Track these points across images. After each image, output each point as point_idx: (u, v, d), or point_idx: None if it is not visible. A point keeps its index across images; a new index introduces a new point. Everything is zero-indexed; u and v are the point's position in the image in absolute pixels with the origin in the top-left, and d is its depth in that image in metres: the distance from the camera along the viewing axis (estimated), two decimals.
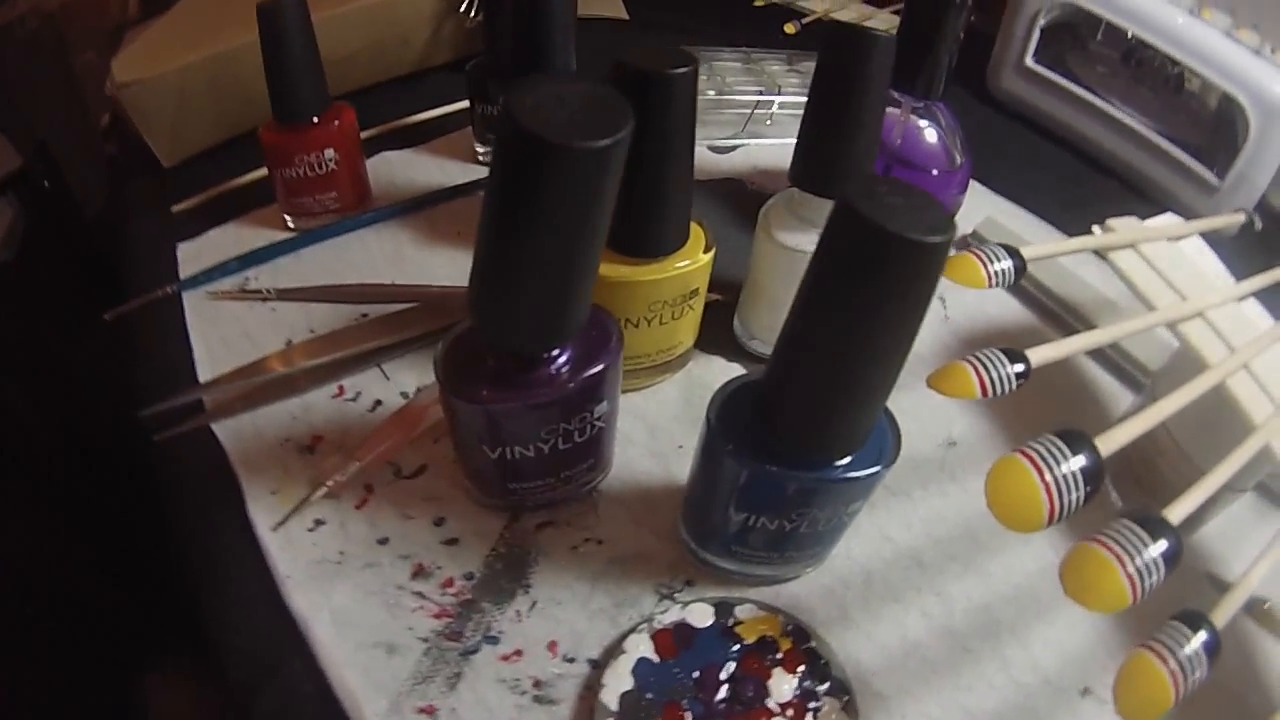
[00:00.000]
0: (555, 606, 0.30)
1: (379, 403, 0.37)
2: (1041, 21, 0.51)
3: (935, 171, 0.40)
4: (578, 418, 0.28)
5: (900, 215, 0.19)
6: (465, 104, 0.52)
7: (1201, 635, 0.20)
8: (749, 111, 0.54)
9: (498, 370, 0.27)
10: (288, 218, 0.46)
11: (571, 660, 0.29)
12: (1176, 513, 0.23)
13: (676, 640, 0.28)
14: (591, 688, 0.28)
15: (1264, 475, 0.31)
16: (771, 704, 0.26)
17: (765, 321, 0.38)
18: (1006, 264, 0.29)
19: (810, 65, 0.60)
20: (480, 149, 0.51)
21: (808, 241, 0.34)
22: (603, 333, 0.28)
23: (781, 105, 0.53)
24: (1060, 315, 0.42)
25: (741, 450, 0.25)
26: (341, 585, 0.30)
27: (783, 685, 0.27)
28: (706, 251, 0.34)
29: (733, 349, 0.40)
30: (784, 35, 0.60)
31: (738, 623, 0.28)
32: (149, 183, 0.51)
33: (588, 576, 0.31)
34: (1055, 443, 0.22)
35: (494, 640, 0.29)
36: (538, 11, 0.37)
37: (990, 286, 0.29)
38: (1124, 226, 0.32)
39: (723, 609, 0.29)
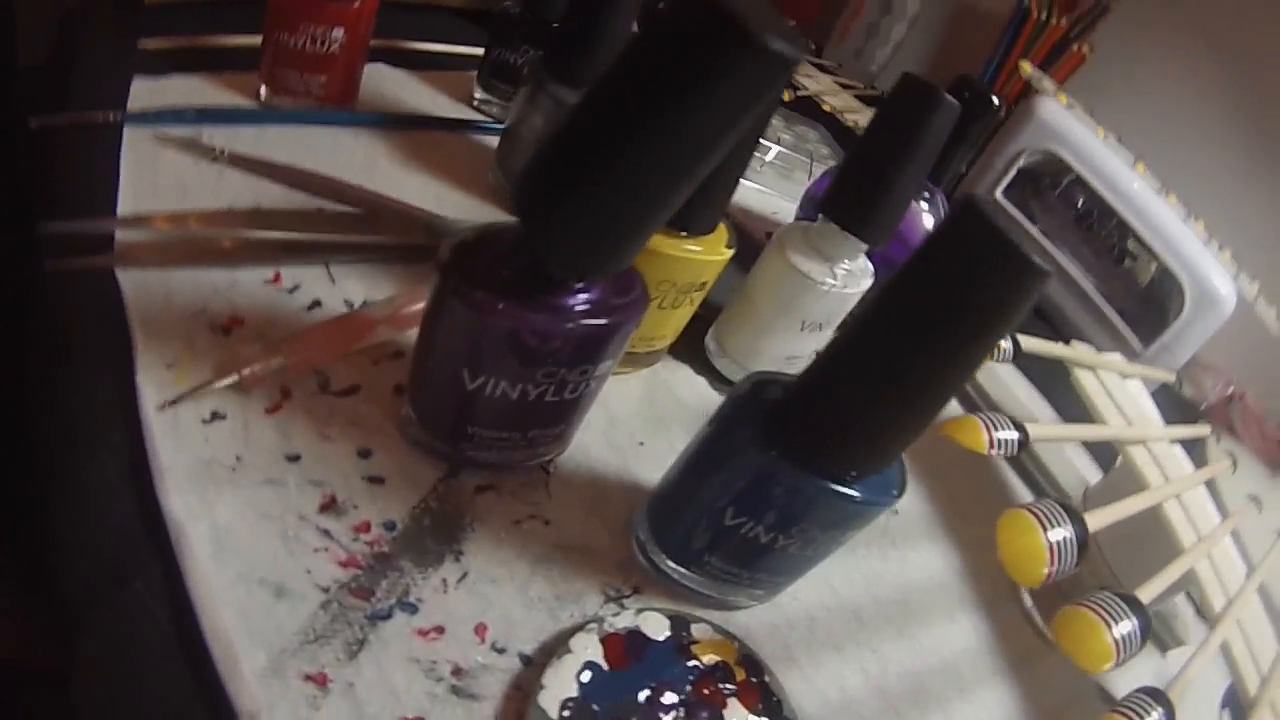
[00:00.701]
0: (488, 584, 0.24)
1: (318, 303, 0.30)
2: (1021, 161, 0.54)
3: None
4: (579, 369, 0.24)
5: (1017, 236, 0.18)
6: (477, 50, 0.47)
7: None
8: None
9: (514, 286, 0.22)
10: (264, 89, 0.37)
11: (501, 650, 0.23)
12: (1146, 594, 0.22)
13: (628, 649, 0.23)
14: (522, 688, 0.22)
15: (1178, 595, 0.32)
16: None
17: (744, 342, 0.35)
18: (1010, 434, 0.28)
19: (802, 130, 0.61)
20: (479, 95, 0.45)
21: (817, 270, 0.32)
22: (630, 286, 0.24)
23: (775, 156, 0.52)
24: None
25: (765, 442, 0.21)
26: (230, 497, 0.23)
27: (735, 718, 0.22)
28: (727, 248, 0.31)
29: (700, 363, 0.37)
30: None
31: (693, 641, 0.24)
32: (120, 8, 0.40)
33: (529, 558, 0.25)
34: (1056, 509, 0.21)
35: (411, 608, 0.23)
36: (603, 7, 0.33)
37: (990, 452, 0.28)
38: (1085, 350, 0.33)
39: (678, 623, 0.24)
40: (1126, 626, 0.22)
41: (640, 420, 0.32)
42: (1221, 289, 0.48)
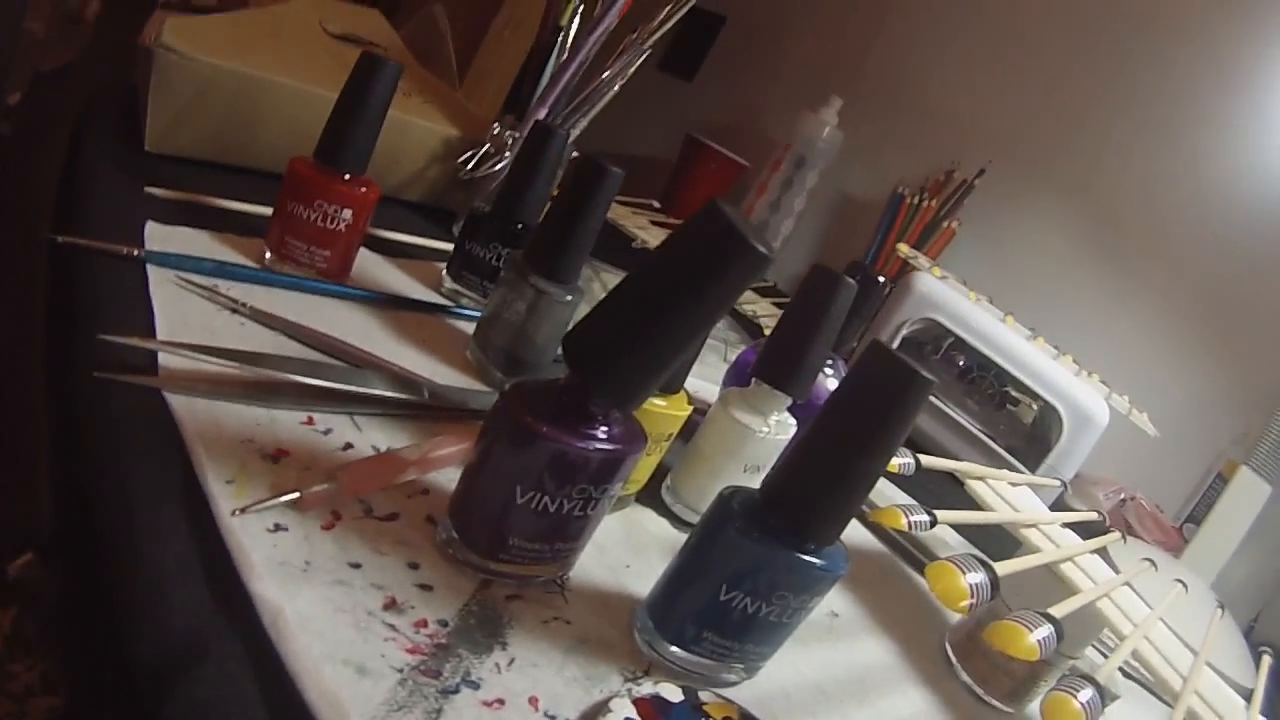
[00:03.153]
0: (532, 667, 0.30)
1: (350, 445, 0.37)
2: (905, 330, 0.72)
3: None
4: (601, 487, 0.33)
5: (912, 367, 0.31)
6: (440, 244, 0.59)
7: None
8: None
9: (559, 418, 0.31)
10: (269, 254, 0.46)
11: (553, 717, 0.29)
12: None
13: (655, 708, 0.30)
14: None
15: (1090, 643, 0.43)
16: None
17: (699, 486, 0.46)
18: (922, 517, 0.41)
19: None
20: (449, 284, 0.56)
21: (755, 422, 0.44)
22: (635, 428, 0.34)
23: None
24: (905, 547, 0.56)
25: (750, 529, 0.32)
26: (306, 592, 0.28)
27: None
28: (689, 405, 0.42)
29: (660, 508, 0.46)
30: None
31: (704, 704, 0.31)
32: (122, 147, 0.49)
33: (560, 648, 0.32)
34: (971, 559, 0.33)
35: (474, 685, 0.28)
36: (577, 216, 0.46)
37: (907, 529, 0.40)
38: (976, 466, 0.47)
39: (688, 692, 0.32)
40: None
41: (623, 549, 0.41)
42: (1094, 408, 0.65)
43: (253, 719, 0.25)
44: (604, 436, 0.32)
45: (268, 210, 0.48)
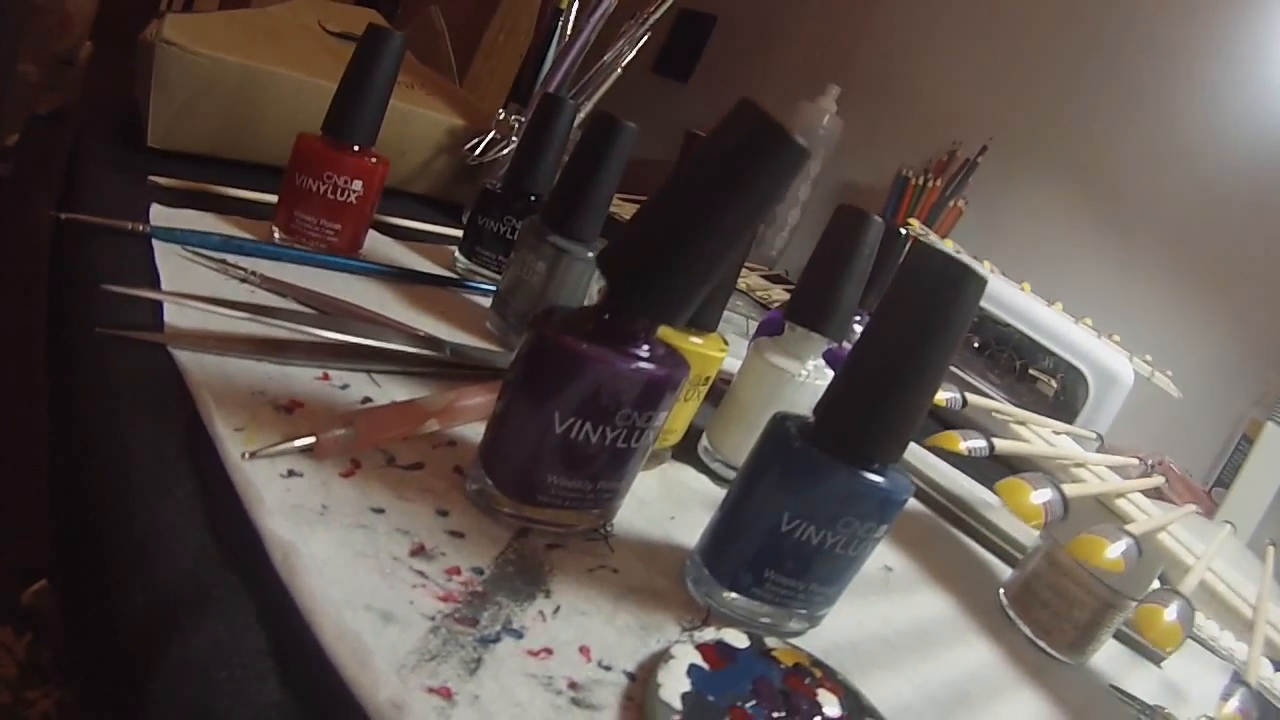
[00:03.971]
0: (580, 615, 0.27)
1: (369, 399, 0.34)
2: None
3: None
4: (645, 415, 0.30)
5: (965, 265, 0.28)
6: (448, 230, 0.57)
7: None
8: None
9: (597, 338, 0.28)
10: (278, 233, 0.44)
11: (608, 668, 0.25)
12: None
13: (721, 654, 0.26)
14: (634, 698, 0.25)
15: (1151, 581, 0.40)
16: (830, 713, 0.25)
17: (736, 441, 0.42)
18: (981, 442, 0.38)
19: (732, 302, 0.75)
20: (462, 262, 0.54)
21: (792, 366, 0.41)
22: (676, 354, 0.32)
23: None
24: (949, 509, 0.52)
25: (810, 449, 0.29)
26: (323, 534, 0.25)
27: (830, 706, 0.26)
28: (724, 346, 0.39)
29: (699, 465, 0.43)
30: None
31: (771, 649, 0.28)
32: (124, 147, 0.48)
33: (609, 595, 0.29)
34: (1040, 477, 0.30)
35: (516, 634, 0.25)
36: (593, 172, 0.44)
37: (964, 451, 0.37)
38: (1018, 410, 0.44)
39: (754, 637, 0.28)
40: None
41: (664, 502, 0.37)
42: (1118, 367, 0.62)
43: (260, 670, 0.21)
44: (647, 357, 0.29)
45: (273, 198, 0.46)
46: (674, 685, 0.24)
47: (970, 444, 0.35)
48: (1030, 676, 0.37)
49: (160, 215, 0.43)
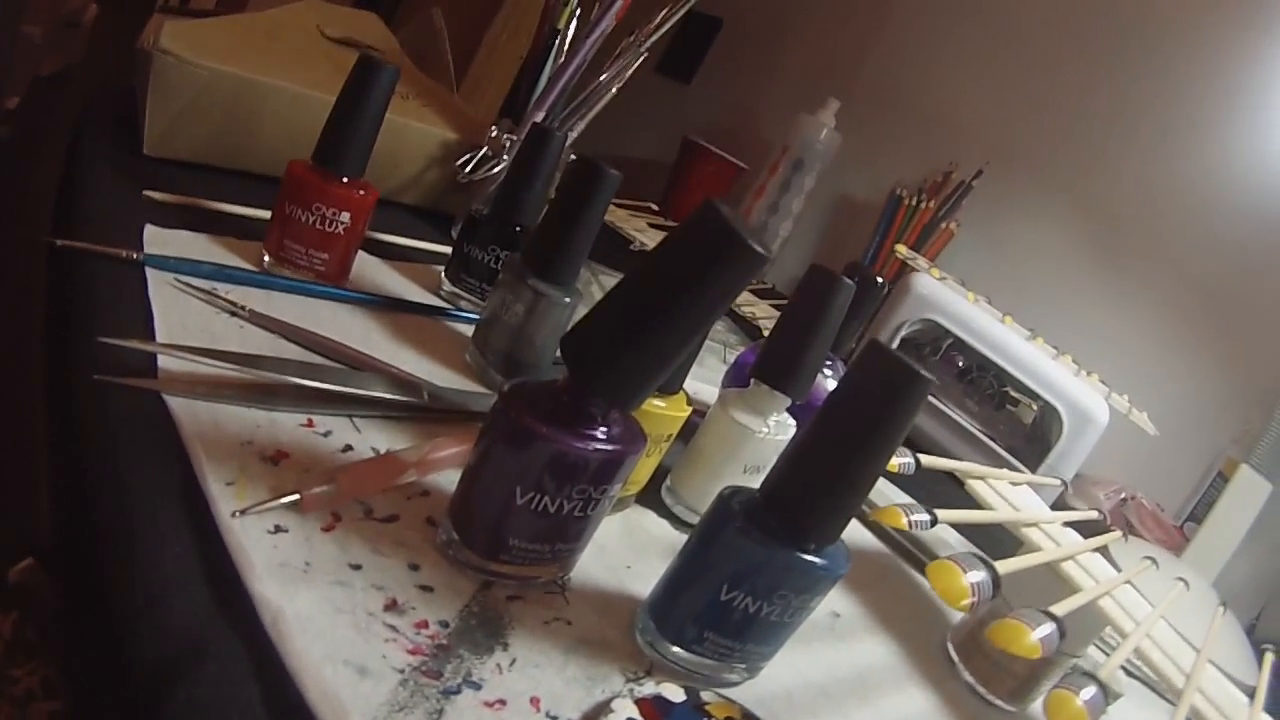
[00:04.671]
0: (533, 668, 0.30)
1: (350, 447, 0.37)
2: (904, 331, 0.72)
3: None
4: (600, 487, 0.33)
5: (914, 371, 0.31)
6: (437, 246, 0.59)
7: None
8: None
9: (558, 419, 0.31)
10: (267, 258, 0.46)
11: (554, 718, 0.29)
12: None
13: (658, 708, 0.30)
14: None
15: (1093, 641, 0.43)
16: None
17: (698, 487, 0.45)
18: (923, 516, 0.41)
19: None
20: (447, 287, 0.56)
21: (754, 422, 0.44)
22: (634, 429, 0.34)
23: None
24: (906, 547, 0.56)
25: (750, 529, 0.32)
26: (306, 593, 0.28)
27: None
28: (688, 406, 0.42)
29: (660, 509, 0.46)
30: None
31: (705, 704, 0.31)
32: (120, 151, 0.49)
33: (561, 648, 0.32)
34: (972, 558, 0.33)
35: (475, 686, 0.28)
36: (575, 218, 0.46)
37: (908, 528, 0.40)
38: (975, 466, 0.47)
39: (690, 691, 0.32)
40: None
41: (624, 549, 0.41)
42: (1094, 408, 0.65)
43: (253, 718, 0.25)
44: (603, 437, 0.32)
45: (266, 214, 0.48)
46: None
47: (914, 518, 0.38)
48: None
49: (154, 238, 0.45)
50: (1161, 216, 0.91)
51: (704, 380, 0.66)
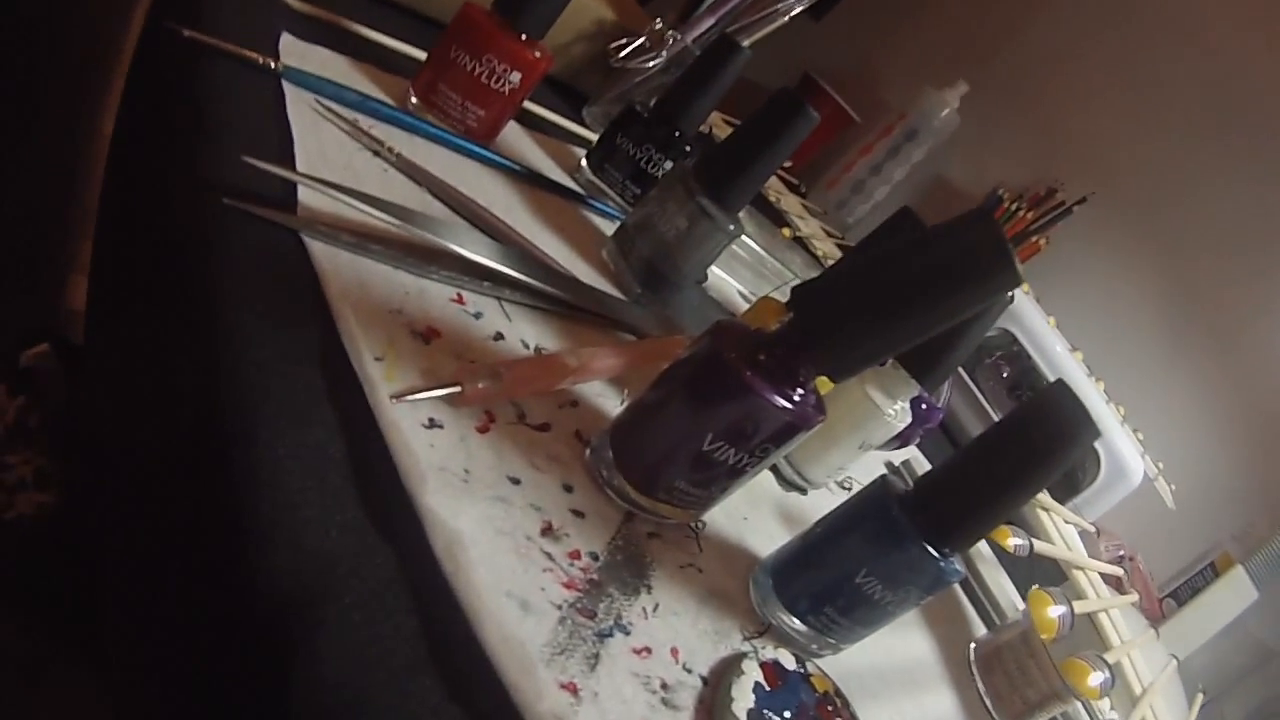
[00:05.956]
0: (673, 615, 0.27)
1: (500, 335, 0.32)
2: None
3: (925, 405, 0.49)
4: (780, 448, 0.29)
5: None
6: (577, 127, 0.52)
7: None
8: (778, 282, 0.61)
9: (768, 372, 0.27)
10: (414, 98, 0.39)
11: (689, 671, 0.26)
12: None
13: (777, 674, 0.28)
14: (705, 701, 0.26)
15: None
16: None
17: (812, 453, 0.41)
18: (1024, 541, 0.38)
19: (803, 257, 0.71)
20: (587, 174, 0.49)
21: (885, 403, 0.40)
22: (820, 401, 0.30)
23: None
24: None
25: (905, 524, 0.29)
26: (470, 509, 0.24)
27: None
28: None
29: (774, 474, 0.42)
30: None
31: (810, 674, 0.30)
32: None
33: (695, 597, 0.29)
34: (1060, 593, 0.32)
35: (625, 630, 0.25)
36: (762, 149, 0.39)
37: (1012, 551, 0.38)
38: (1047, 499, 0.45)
39: (799, 660, 0.30)
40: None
41: (741, 500, 0.37)
42: (1132, 464, 0.62)
43: (415, 656, 0.21)
44: (799, 401, 0.27)
45: (418, 53, 0.41)
46: (743, 701, 0.26)
47: (1016, 542, 0.36)
48: None
49: (291, 49, 0.36)
50: (1249, 311, 0.83)
51: None
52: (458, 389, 0.27)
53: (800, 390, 0.27)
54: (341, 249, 0.29)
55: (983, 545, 0.56)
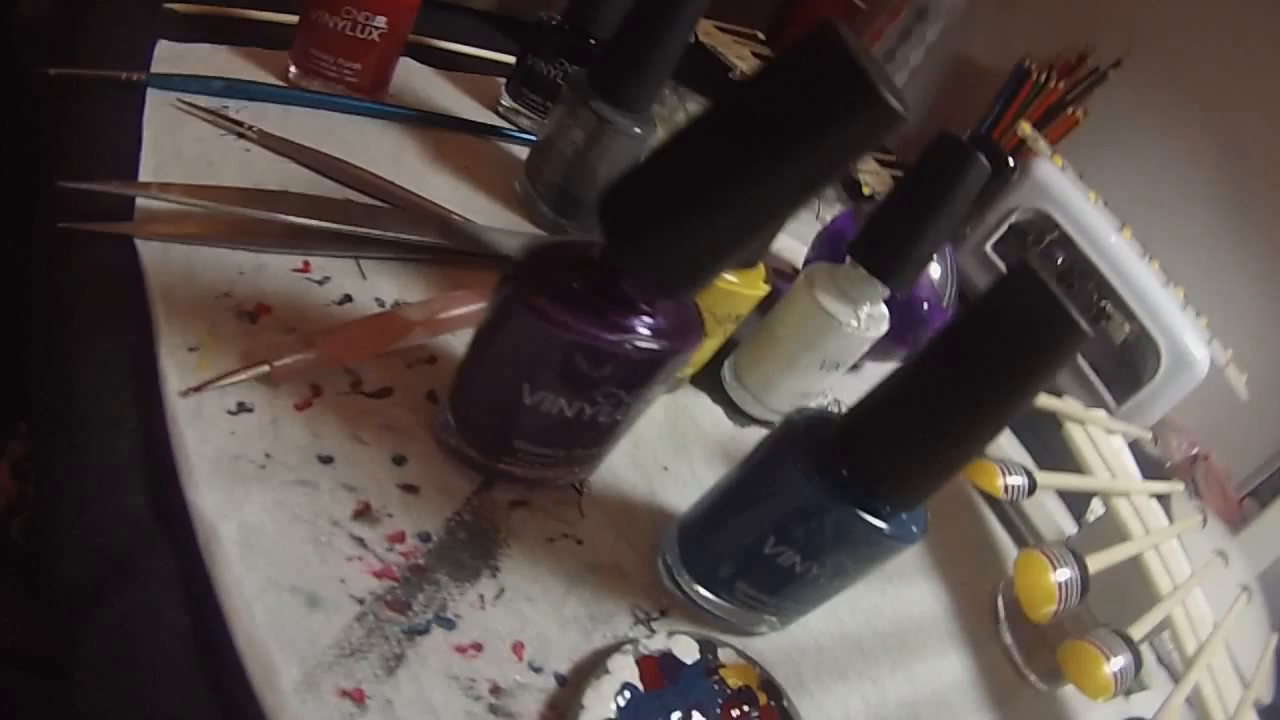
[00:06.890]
0: (525, 602, 0.23)
1: (349, 298, 0.28)
2: (1014, 218, 0.56)
3: (926, 305, 0.41)
4: (635, 390, 0.23)
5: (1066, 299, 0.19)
6: (503, 56, 0.46)
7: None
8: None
9: (585, 301, 0.21)
10: (293, 69, 0.35)
11: (538, 670, 0.22)
12: (1137, 632, 0.23)
13: (662, 671, 0.22)
14: (558, 708, 0.21)
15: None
16: None
17: (763, 375, 0.35)
18: (1021, 480, 0.29)
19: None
20: (506, 102, 0.44)
21: (842, 312, 0.32)
22: (689, 316, 0.24)
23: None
24: None
25: (815, 474, 0.21)
26: (259, 496, 0.21)
27: None
28: (765, 284, 0.31)
29: (717, 393, 0.36)
30: None
31: (720, 665, 0.24)
32: None
33: (563, 577, 0.24)
34: (1064, 552, 0.22)
35: (448, 624, 0.21)
36: (655, 29, 0.32)
37: (1003, 496, 0.29)
38: (1072, 405, 0.35)
39: (706, 647, 0.24)
40: (1121, 661, 0.23)
41: (663, 444, 0.32)
42: (1196, 353, 0.50)
43: (182, 661, 0.18)
44: (645, 330, 0.21)
45: (295, 20, 0.36)
46: (598, 710, 0.21)
47: (1010, 481, 0.27)
48: (994, 704, 0.31)
49: (166, 55, 0.33)
50: None
51: (792, 234, 0.52)
52: (265, 369, 0.23)
53: (642, 316, 0.21)
54: (177, 244, 0.26)
55: (1026, 458, 0.47)
